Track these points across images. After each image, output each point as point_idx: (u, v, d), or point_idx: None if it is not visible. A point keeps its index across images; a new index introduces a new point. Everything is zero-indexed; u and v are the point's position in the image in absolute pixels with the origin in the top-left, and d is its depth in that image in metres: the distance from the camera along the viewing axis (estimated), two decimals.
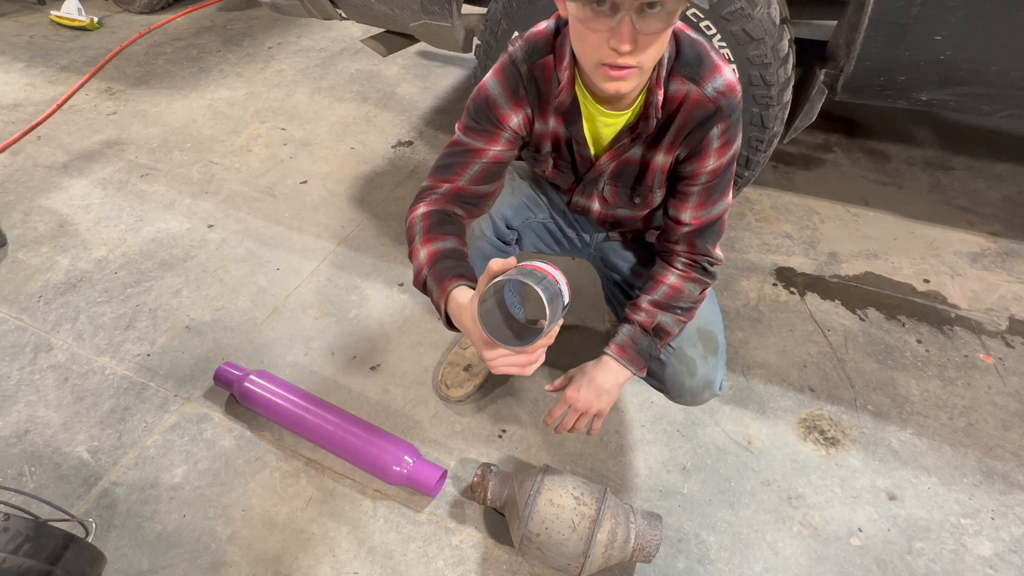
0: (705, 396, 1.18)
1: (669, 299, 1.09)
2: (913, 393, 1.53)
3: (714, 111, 0.95)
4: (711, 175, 1.02)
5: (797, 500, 1.33)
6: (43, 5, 3.71)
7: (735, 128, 0.99)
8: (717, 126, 0.97)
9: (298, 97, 2.80)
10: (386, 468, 1.30)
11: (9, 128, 2.55)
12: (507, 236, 1.28)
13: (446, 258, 0.97)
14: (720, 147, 0.99)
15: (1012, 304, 1.76)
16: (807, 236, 2.00)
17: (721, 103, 0.95)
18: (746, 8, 1.47)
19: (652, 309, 1.09)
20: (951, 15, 1.39)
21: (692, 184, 1.04)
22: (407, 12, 1.86)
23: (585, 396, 1.11)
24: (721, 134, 0.98)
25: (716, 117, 0.96)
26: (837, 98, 1.65)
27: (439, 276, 0.95)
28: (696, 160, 1.01)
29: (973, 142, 2.41)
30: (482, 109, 1.03)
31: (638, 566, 1.22)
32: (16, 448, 1.42)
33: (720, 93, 0.94)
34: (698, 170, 1.02)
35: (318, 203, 2.16)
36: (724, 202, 1.06)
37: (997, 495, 1.33)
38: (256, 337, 1.68)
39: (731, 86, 0.95)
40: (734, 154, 1.02)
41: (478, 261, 1.27)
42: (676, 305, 1.09)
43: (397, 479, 1.30)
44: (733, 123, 0.97)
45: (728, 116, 0.96)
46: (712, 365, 1.16)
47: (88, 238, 2.01)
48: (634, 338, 1.09)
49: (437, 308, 0.96)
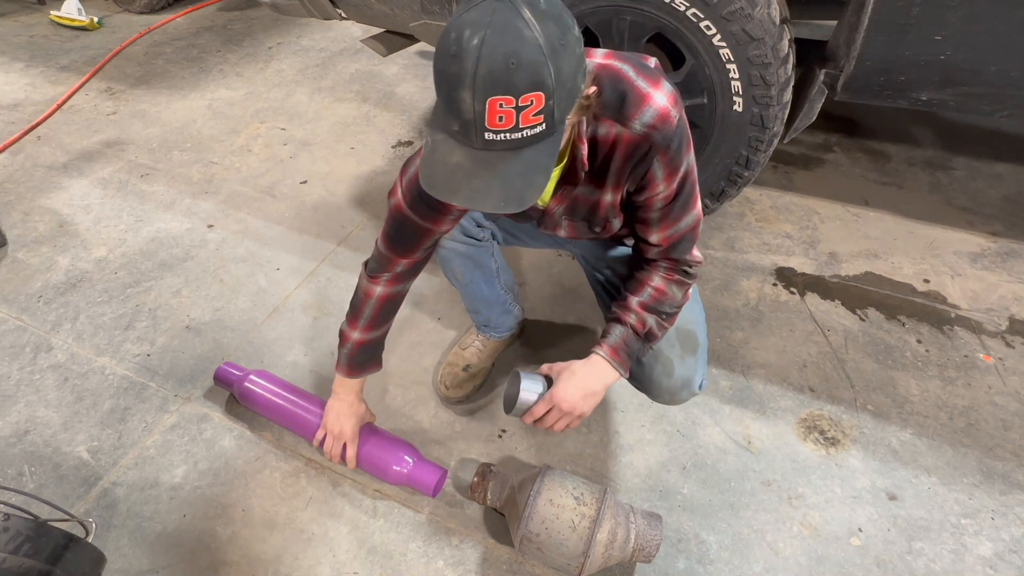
0: (683, 396, 1.18)
1: (654, 302, 1.08)
2: (913, 393, 1.53)
3: (649, 148, 0.91)
4: (665, 200, 0.99)
5: (797, 500, 1.33)
6: (43, 5, 3.71)
7: (679, 153, 0.94)
8: (656, 159, 0.93)
9: (298, 97, 2.80)
10: (386, 468, 1.30)
11: (9, 128, 2.55)
12: (477, 233, 1.28)
13: (367, 350, 1.25)
14: (667, 176, 0.96)
15: (1012, 304, 1.76)
16: (807, 236, 2.00)
17: (654, 137, 0.90)
18: (746, 8, 1.47)
19: (641, 312, 1.08)
20: (951, 15, 1.38)
21: (649, 211, 1.01)
22: (407, 12, 1.86)
23: (572, 396, 1.05)
24: (664, 165, 0.94)
25: (652, 152, 0.92)
26: (837, 98, 1.65)
27: (352, 364, 1.25)
28: (646, 191, 0.98)
29: (973, 142, 2.41)
30: (422, 197, 1.01)
31: (638, 566, 1.22)
32: (16, 448, 1.42)
33: (651, 127, 0.89)
34: (651, 199, 0.99)
35: (318, 203, 2.16)
36: (690, 216, 1.03)
37: (997, 495, 1.33)
38: (256, 337, 1.68)
39: (663, 115, 0.89)
40: (685, 174, 0.98)
41: (455, 260, 1.31)
42: (661, 309, 1.08)
43: (397, 479, 1.30)
44: (675, 150, 0.93)
45: (666, 146, 0.91)
46: (690, 365, 1.16)
47: (88, 238, 2.01)
48: (627, 340, 1.08)
49: (336, 363, 1.26)
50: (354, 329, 1.21)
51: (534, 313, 1.74)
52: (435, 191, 0.78)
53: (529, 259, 1.92)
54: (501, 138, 0.72)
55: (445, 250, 1.29)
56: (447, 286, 1.81)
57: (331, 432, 1.28)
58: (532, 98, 0.70)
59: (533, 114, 0.71)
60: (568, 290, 1.82)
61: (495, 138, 0.72)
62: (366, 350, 1.24)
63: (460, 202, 0.78)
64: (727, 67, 1.57)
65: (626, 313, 1.08)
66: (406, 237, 1.09)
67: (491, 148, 0.74)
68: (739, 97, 1.61)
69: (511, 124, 0.71)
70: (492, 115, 0.70)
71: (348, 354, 1.23)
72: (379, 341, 1.26)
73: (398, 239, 1.10)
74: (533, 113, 0.71)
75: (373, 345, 1.25)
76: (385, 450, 1.31)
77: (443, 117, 0.76)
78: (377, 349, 1.28)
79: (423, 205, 1.03)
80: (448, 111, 0.74)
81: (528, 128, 0.72)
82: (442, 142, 0.77)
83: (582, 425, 1.46)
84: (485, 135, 0.72)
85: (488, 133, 0.72)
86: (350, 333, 1.21)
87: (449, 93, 0.72)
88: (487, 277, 1.38)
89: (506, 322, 1.53)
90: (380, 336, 1.25)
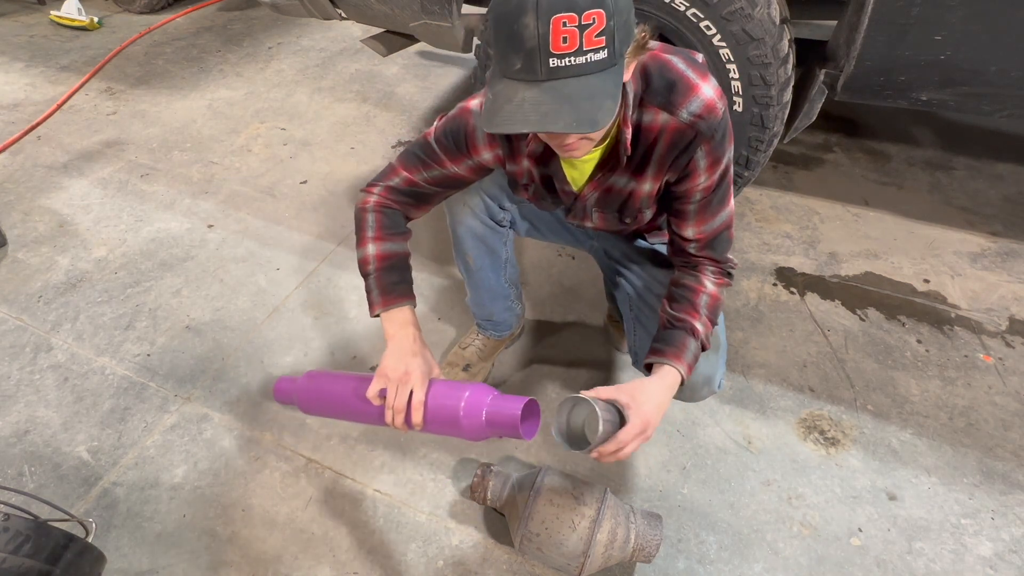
0: (704, 393, 1.18)
1: (711, 309, 1.05)
2: (913, 393, 1.53)
3: (694, 136, 0.92)
4: (705, 191, 0.99)
5: (797, 500, 1.33)
6: (43, 5, 3.71)
7: (722, 144, 0.95)
8: (700, 148, 0.94)
9: (298, 97, 2.80)
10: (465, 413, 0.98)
11: (9, 128, 2.55)
12: (499, 216, 1.28)
13: (394, 269, 1.08)
14: (709, 165, 0.96)
15: (1012, 304, 1.76)
16: (807, 236, 2.00)
17: (700, 126, 0.91)
18: (746, 8, 1.47)
19: (707, 320, 1.03)
20: (951, 15, 1.39)
21: (687, 203, 1.02)
22: (407, 12, 1.86)
23: (656, 419, 0.94)
24: (707, 154, 0.95)
25: (697, 140, 0.93)
26: (837, 98, 1.65)
27: (385, 288, 1.07)
28: (687, 181, 0.99)
29: (973, 142, 2.41)
30: (459, 131, 1.03)
31: (638, 566, 1.22)
32: (16, 448, 1.42)
33: (697, 116, 0.91)
34: (691, 189, 0.99)
35: (318, 203, 2.16)
36: (725, 211, 1.04)
37: (997, 495, 1.33)
38: (256, 337, 1.68)
39: (709, 105, 0.91)
40: (726, 167, 0.99)
41: (468, 240, 1.29)
42: (712, 316, 1.05)
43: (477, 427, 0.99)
44: (718, 141, 0.94)
45: (711, 136, 0.93)
46: (712, 362, 1.16)
47: (88, 238, 2.01)
48: (696, 353, 1.02)
49: (370, 304, 1.08)
50: (366, 244, 1.09)
51: (534, 313, 1.74)
52: (502, 126, 0.77)
53: (529, 259, 1.93)
54: (566, 63, 0.73)
55: (463, 228, 1.28)
56: (448, 286, 1.81)
57: (392, 377, 1.00)
58: (594, 15, 0.71)
59: (595, 34, 0.72)
60: (568, 290, 1.82)
61: (560, 64, 0.73)
62: (391, 266, 1.08)
63: (531, 127, 0.76)
64: (727, 67, 1.57)
65: (696, 323, 1.02)
66: (418, 157, 1.08)
67: (556, 76, 0.74)
68: (739, 97, 1.61)
69: (575, 46, 0.72)
70: (556, 36, 0.71)
71: (375, 279, 1.07)
72: (401, 256, 1.10)
73: (411, 154, 1.09)
74: (595, 33, 0.72)
75: (396, 259, 1.09)
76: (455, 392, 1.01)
77: (502, 63, 0.77)
78: (404, 268, 1.10)
79: (449, 139, 1.04)
80: (509, 50, 0.75)
81: (592, 51, 0.73)
82: (503, 88, 0.78)
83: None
84: (550, 62, 0.73)
85: (552, 59, 0.73)
86: (365, 251, 1.09)
87: (510, 28, 0.73)
88: (495, 265, 1.37)
89: (507, 320, 1.52)
90: (399, 250, 1.10)
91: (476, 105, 1.02)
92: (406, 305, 1.07)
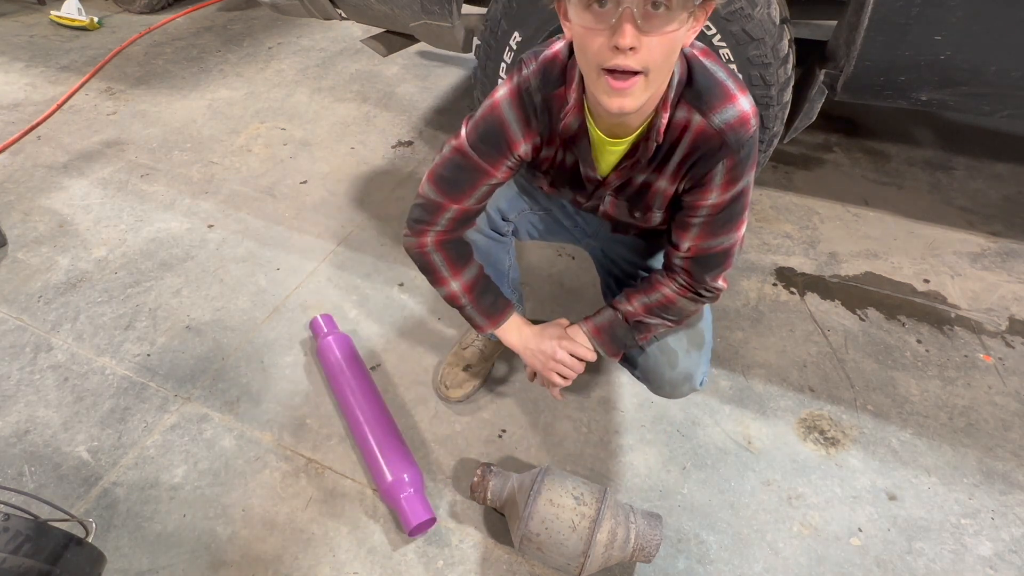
0: (684, 389, 1.18)
1: (660, 307, 1.08)
2: (913, 393, 1.53)
3: (719, 145, 0.89)
4: (712, 209, 0.97)
5: (797, 500, 1.33)
6: (43, 5, 3.71)
7: (744, 165, 0.91)
8: (723, 162, 0.90)
9: (298, 97, 2.80)
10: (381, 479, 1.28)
11: (9, 128, 2.55)
12: (502, 228, 1.28)
13: (484, 292, 1.16)
14: (724, 183, 0.93)
15: (1012, 304, 1.76)
16: (807, 236, 2.00)
17: (728, 137, 0.88)
18: (746, 8, 1.47)
19: (641, 310, 1.08)
20: (951, 15, 1.39)
21: (693, 216, 0.99)
22: (407, 12, 1.86)
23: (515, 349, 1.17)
24: (727, 171, 0.91)
25: (722, 152, 0.89)
26: (837, 98, 1.65)
27: (485, 311, 1.16)
28: (697, 192, 0.96)
29: (973, 142, 2.41)
30: (494, 131, 1.00)
31: (638, 566, 1.22)
32: (16, 448, 1.42)
33: (728, 126, 0.88)
34: (698, 202, 0.97)
35: (318, 203, 2.16)
36: (730, 237, 1.00)
37: (997, 495, 1.33)
38: (256, 337, 1.68)
39: (743, 119, 0.88)
40: (741, 191, 0.95)
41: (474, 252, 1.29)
42: (666, 315, 1.09)
43: (387, 495, 1.27)
44: (742, 160, 0.90)
45: (736, 152, 0.89)
46: (694, 359, 1.16)
47: (88, 238, 2.01)
48: (612, 324, 1.10)
49: (476, 327, 1.19)
50: (447, 284, 1.14)
51: (534, 313, 1.74)
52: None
53: (529, 259, 1.93)
54: None
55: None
56: None
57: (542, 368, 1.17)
58: None
59: None
60: (568, 290, 1.82)
61: None
62: (480, 291, 1.15)
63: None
64: None
65: (622, 303, 1.11)
66: (460, 179, 1.04)
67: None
68: None
69: None
70: None
71: (472, 308, 1.16)
72: (482, 277, 1.17)
73: (452, 180, 1.05)
74: None
75: (481, 282, 1.16)
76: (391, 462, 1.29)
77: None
78: (489, 284, 1.18)
79: (486, 144, 1.01)
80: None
81: None
82: None
83: (582, 425, 1.46)
84: None
85: None
86: (449, 288, 1.14)
87: None
88: (499, 275, 1.37)
89: None
90: (477, 272, 1.16)
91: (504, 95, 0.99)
92: (509, 318, 1.18)
